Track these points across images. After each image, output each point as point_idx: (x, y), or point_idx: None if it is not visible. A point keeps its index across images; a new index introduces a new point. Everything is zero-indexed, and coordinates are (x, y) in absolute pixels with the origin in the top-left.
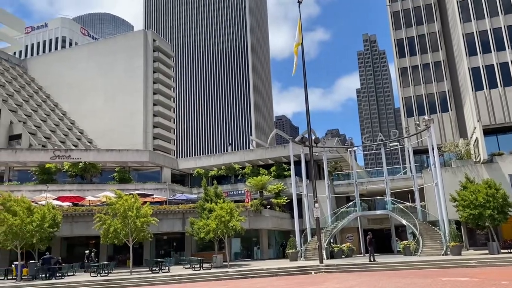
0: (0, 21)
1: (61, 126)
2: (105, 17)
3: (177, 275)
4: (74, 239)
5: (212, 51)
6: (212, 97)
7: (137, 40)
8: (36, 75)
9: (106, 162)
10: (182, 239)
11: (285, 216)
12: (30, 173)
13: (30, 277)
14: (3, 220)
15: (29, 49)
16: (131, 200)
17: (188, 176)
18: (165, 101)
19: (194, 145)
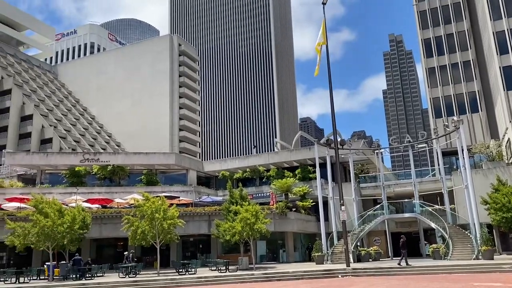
0: (32, 29)
1: (90, 129)
2: (132, 22)
3: (203, 277)
4: (102, 241)
5: (236, 53)
6: (237, 99)
7: (163, 45)
8: (66, 81)
9: (134, 165)
10: (208, 241)
11: (311, 219)
12: (61, 176)
13: (62, 277)
14: (36, 222)
15: (59, 55)
16: (158, 202)
17: (214, 179)
18: (190, 104)
19: (219, 148)
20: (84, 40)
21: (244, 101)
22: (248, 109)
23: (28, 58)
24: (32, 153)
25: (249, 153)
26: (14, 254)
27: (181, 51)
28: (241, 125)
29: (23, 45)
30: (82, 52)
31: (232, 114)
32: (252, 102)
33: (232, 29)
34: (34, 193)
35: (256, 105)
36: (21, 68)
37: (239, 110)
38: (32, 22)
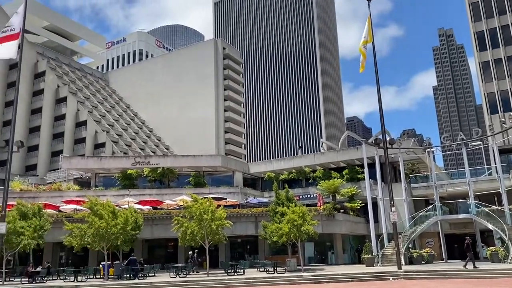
0: (85, 38)
1: (140, 134)
2: (178, 28)
3: (251, 278)
4: (154, 241)
5: (280, 54)
6: (281, 100)
7: (207, 49)
8: (116, 87)
9: (182, 167)
10: (255, 242)
11: (360, 221)
12: (114, 178)
13: (116, 277)
14: (91, 223)
15: (110, 62)
16: (206, 203)
17: (259, 180)
18: (235, 107)
19: (264, 149)
20: (133, 47)
21: (288, 102)
22: (293, 110)
23: (81, 66)
24: (87, 157)
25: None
26: (72, 254)
27: (225, 55)
28: (286, 126)
29: (77, 55)
30: (131, 59)
31: (277, 115)
32: (297, 103)
33: (275, 30)
34: (89, 195)
35: (301, 106)
36: (75, 77)
37: (284, 111)
38: (84, 32)
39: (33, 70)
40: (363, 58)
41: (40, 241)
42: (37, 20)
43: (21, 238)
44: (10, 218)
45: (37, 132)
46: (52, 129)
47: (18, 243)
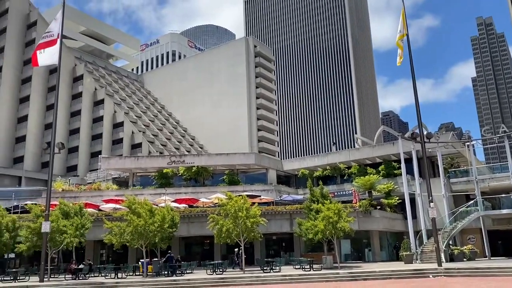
0: (120, 41)
1: (175, 134)
2: (209, 28)
3: (288, 275)
4: (190, 239)
5: (312, 49)
6: (314, 96)
7: (239, 48)
8: (151, 88)
9: (216, 166)
10: (290, 239)
11: (397, 217)
12: (151, 178)
13: (154, 274)
14: (130, 221)
15: (144, 64)
16: (240, 201)
17: (293, 177)
18: (267, 104)
19: (297, 146)
20: (166, 48)
21: (321, 98)
22: (326, 106)
23: (117, 69)
24: (124, 157)
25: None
26: (112, 251)
27: (256, 53)
28: (319, 122)
29: (112, 58)
30: (164, 60)
31: (310, 112)
32: (330, 98)
33: (307, 25)
34: (127, 194)
35: (334, 101)
36: (111, 79)
37: (317, 107)
38: (119, 35)
39: (71, 74)
40: (400, 51)
41: (82, 239)
42: (74, 25)
43: (64, 237)
44: (53, 217)
45: (77, 134)
46: (91, 131)
47: (62, 241)
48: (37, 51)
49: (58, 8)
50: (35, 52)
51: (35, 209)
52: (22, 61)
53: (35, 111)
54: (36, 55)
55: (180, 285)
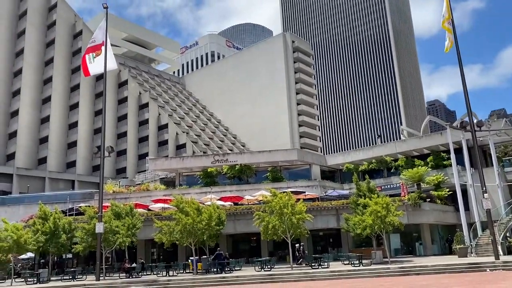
0: (161, 45)
1: (217, 133)
2: (246, 27)
3: (336, 271)
4: (237, 236)
5: (351, 41)
6: (356, 89)
7: (276, 44)
8: (192, 90)
9: (259, 163)
10: (338, 235)
11: (448, 209)
12: (196, 177)
13: (204, 271)
14: (178, 220)
15: (185, 67)
16: (285, 198)
17: (337, 172)
18: (308, 99)
19: (340, 140)
20: (205, 50)
21: (363, 90)
22: (369, 98)
23: (159, 73)
24: (170, 158)
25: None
26: (163, 250)
27: (294, 48)
28: (362, 115)
29: (154, 62)
30: (204, 62)
31: (352, 105)
32: (372, 90)
33: (345, 17)
34: (175, 194)
35: (376, 93)
36: (154, 83)
37: (359, 99)
38: (160, 40)
39: (116, 80)
40: (449, 34)
41: (134, 239)
42: (117, 32)
43: (116, 237)
44: (106, 218)
45: (124, 137)
46: (137, 134)
47: (115, 241)
48: (86, 61)
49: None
50: (83, 61)
51: (89, 211)
52: (70, 69)
53: (84, 117)
54: (86, 65)
55: (229, 282)
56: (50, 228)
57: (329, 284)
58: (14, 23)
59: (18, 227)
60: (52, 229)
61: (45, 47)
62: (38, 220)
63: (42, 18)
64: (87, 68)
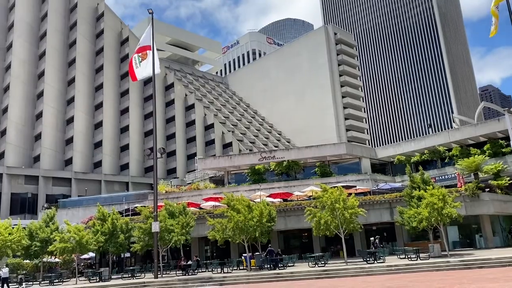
0: (203, 47)
1: (262, 130)
2: (286, 22)
3: (393, 265)
4: (288, 232)
5: (395, 29)
6: (403, 78)
7: (318, 38)
8: (235, 89)
9: (307, 159)
10: (391, 229)
11: (510, 199)
12: (244, 174)
13: (258, 267)
14: (230, 218)
15: (227, 66)
16: (336, 192)
17: (388, 165)
18: (353, 91)
19: (389, 132)
20: (246, 48)
21: (411, 78)
22: (417, 86)
23: (203, 74)
24: (218, 157)
25: (424, 134)
26: (216, 247)
27: (337, 40)
28: (411, 105)
29: (198, 63)
30: (245, 60)
31: (399, 95)
32: (420, 78)
33: (388, 5)
34: (225, 192)
35: (425, 81)
36: (199, 84)
37: (407, 89)
38: (202, 41)
39: (163, 83)
40: (495, 19)
41: (188, 237)
42: (161, 37)
43: (171, 235)
44: (161, 218)
45: (173, 138)
46: (185, 134)
47: (170, 239)
48: (133, 66)
49: (145, 23)
50: (130, 67)
51: (144, 211)
52: (119, 75)
53: (135, 120)
54: (133, 70)
55: (284, 278)
56: (109, 228)
57: (389, 278)
58: (66, 34)
59: (79, 228)
60: (110, 230)
61: (95, 55)
62: (97, 221)
63: (90, 27)
64: (134, 73)
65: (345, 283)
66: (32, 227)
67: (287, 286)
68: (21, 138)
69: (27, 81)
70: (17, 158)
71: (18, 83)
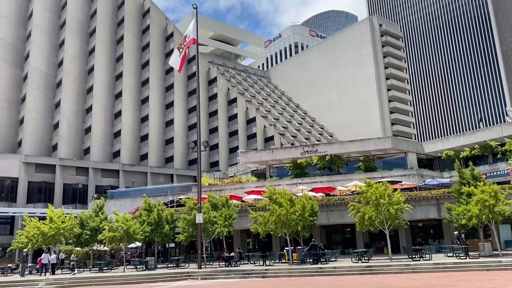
0: (246, 41)
1: (304, 124)
2: (329, 14)
3: (441, 263)
4: (330, 227)
5: (444, 19)
6: (451, 70)
7: (362, 29)
8: (277, 82)
9: (350, 153)
10: (439, 226)
11: None
12: (286, 168)
13: (299, 261)
14: (272, 211)
15: (269, 60)
16: (381, 187)
17: (436, 160)
18: (399, 84)
19: (437, 126)
20: (288, 41)
21: (460, 70)
22: (467, 79)
23: (245, 68)
24: (260, 150)
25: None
26: (258, 240)
27: (382, 31)
28: (460, 98)
29: (240, 58)
30: (288, 53)
31: (448, 87)
32: (470, 70)
33: None
34: (267, 185)
35: (475, 73)
36: (241, 78)
37: (456, 81)
38: (244, 35)
39: (206, 77)
40: None
41: (230, 229)
42: (204, 32)
43: (215, 227)
44: (204, 209)
45: (216, 132)
46: (227, 128)
47: (213, 231)
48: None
49: (188, 18)
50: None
51: (189, 202)
52: (164, 70)
53: (179, 114)
54: (183, 62)
55: (326, 273)
56: (155, 219)
57: (435, 276)
58: (113, 31)
59: (127, 218)
60: (156, 220)
61: (141, 51)
62: (143, 211)
63: (137, 23)
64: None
65: (389, 279)
66: (83, 216)
67: (329, 281)
68: (72, 131)
69: (77, 76)
70: (69, 150)
71: (69, 78)
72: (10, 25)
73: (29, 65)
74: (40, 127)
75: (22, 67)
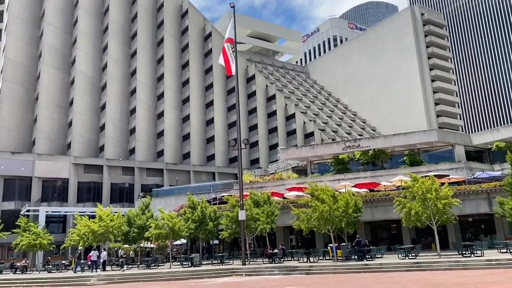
0: (283, 37)
1: (345, 119)
2: (369, 6)
3: (493, 260)
4: (375, 223)
5: (490, 3)
6: (499, 58)
7: (404, 19)
8: (316, 77)
9: (394, 147)
10: (490, 221)
11: None
12: (327, 164)
13: (344, 258)
14: (315, 208)
15: (307, 55)
16: (428, 182)
17: (486, 152)
18: (444, 75)
19: (486, 117)
20: (326, 35)
21: (509, 58)
22: None
23: (283, 64)
24: (300, 147)
25: None
26: (301, 236)
27: (424, 21)
28: (509, 86)
29: (277, 54)
30: (326, 47)
31: (497, 77)
32: None
33: None
34: (309, 181)
35: None
36: (279, 75)
37: (505, 69)
38: (282, 32)
39: (245, 75)
40: None
41: (273, 226)
42: (241, 30)
43: (257, 224)
44: (246, 206)
45: (255, 129)
46: (267, 125)
47: (256, 227)
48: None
49: (227, 17)
50: (227, 61)
51: (231, 199)
52: (203, 70)
53: (219, 113)
54: (229, 64)
55: (372, 269)
56: (199, 216)
57: (488, 273)
58: (154, 33)
59: (172, 215)
60: (200, 217)
61: (181, 52)
62: (188, 209)
63: (176, 25)
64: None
65: (439, 276)
66: (130, 215)
67: (375, 278)
68: (117, 132)
69: (121, 79)
70: (115, 151)
71: (113, 81)
72: (58, 32)
73: (76, 70)
74: (87, 129)
75: (69, 72)
